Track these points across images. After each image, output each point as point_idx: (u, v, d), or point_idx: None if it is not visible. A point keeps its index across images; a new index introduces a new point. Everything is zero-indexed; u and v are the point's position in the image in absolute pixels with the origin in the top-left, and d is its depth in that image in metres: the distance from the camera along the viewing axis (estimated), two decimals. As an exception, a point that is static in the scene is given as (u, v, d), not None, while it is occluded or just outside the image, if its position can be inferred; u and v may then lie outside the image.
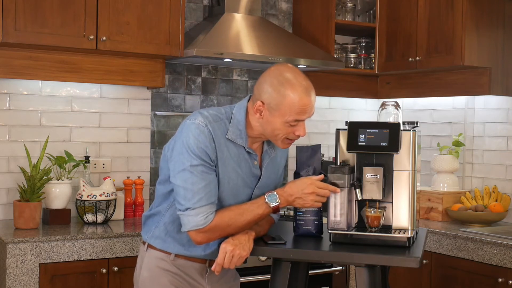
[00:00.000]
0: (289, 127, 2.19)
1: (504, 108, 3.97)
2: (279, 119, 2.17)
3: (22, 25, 3.16)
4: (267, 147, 2.33)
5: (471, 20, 3.69)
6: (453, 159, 3.97)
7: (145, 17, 3.47)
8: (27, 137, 3.56)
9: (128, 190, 3.73)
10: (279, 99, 2.15)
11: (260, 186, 2.32)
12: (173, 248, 2.30)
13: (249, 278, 3.31)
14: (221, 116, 2.23)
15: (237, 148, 2.24)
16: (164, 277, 2.29)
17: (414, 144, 2.31)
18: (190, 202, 2.14)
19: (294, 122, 2.18)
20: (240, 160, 2.25)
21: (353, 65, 4.29)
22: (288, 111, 2.15)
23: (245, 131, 2.24)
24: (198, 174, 2.14)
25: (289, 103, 2.14)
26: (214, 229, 2.16)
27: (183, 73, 4.02)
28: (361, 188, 2.31)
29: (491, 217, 3.68)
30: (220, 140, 2.20)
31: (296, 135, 2.21)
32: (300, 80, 2.17)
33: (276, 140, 2.23)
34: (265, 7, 4.29)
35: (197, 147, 2.14)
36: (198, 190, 2.14)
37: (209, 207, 2.15)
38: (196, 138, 2.15)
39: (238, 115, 2.25)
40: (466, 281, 3.37)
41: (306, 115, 2.19)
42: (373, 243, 2.25)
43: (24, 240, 2.99)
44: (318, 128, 4.52)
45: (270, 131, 2.21)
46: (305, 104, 2.16)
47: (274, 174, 2.40)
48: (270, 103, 2.17)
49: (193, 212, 2.14)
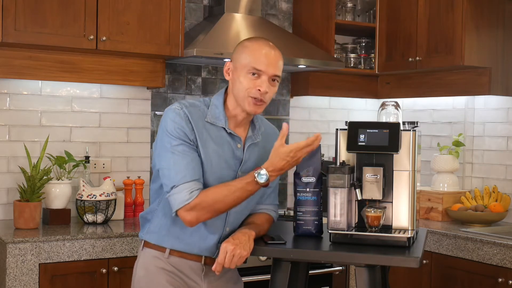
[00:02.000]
0: (251, 81, 2.24)
1: (504, 108, 3.97)
2: (241, 71, 2.25)
3: (22, 25, 3.16)
4: (251, 133, 2.37)
5: (471, 20, 3.69)
6: (453, 159, 3.98)
7: (145, 17, 3.47)
8: (27, 137, 3.56)
9: (128, 190, 3.73)
10: (241, 51, 2.28)
11: (245, 170, 2.32)
12: (167, 242, 2.30)
13: (249, 278, 3.31)
14: (198, 104, 2.32)
15: (218, 131, 2.30)
16: (159, 275, 2.29)
17: (414, 144, 2.31)
18: (174, 180, 2.19)
19: (253, 70, 2.23)
20: (222, 142, 2.29)
21: (353, 65, 4.29)
22: (248, 59, 2.24)
23: (223, 113, 2.31)
24: (179, 153, 2.20)
25: (248, 53, 2.25)
26: (201, 205, 2.18)
27: (183, 73, 4.02)
28: (361, 188, 2.31)
29: (491, 217, 3.69)
30: (198, 122, 2.26)
31: (257, 90, 2.24)
32: (266, 40, 2.32)
33: (243, 101, 2.27)
34: (265, 7, 4.29)
35: (174, 128, 2.22)
36: (181, 168, 2.19)
37: (194, 183, 2.19)
38: (173, 121, 2.23)
39: (216, 100, 2.34)
40: (466, 281, 3.37)
41: (264, 65, 2.23)
42: (373, 243, 2.25)
43: (24, 240, 2.99)
44: (318, 128, 4.53)
45: (236, 90, 2.28)
46: (264, 53, 2.24)
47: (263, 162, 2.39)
48: (234, 59, 2.30)
49: (177, 189, 2.18)
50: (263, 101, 2.26)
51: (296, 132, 4.43)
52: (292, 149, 2.18)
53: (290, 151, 2.18)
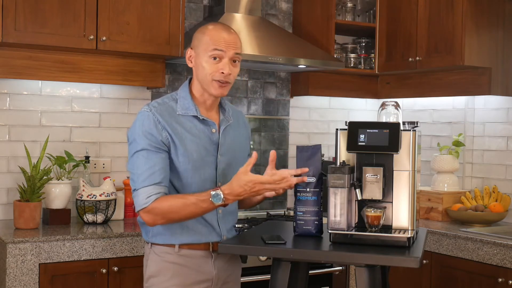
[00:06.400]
0: (213, 64, 2.31)
1: (504, 108, 3.97)
2: (202, 56, 2.32)
3: (22, 25, 3.16)
4: (223, 116, 2.44)
5: (471, 20, 3.69)
6: (453, 159, 3.98)
7: (145, 17, 3.47)
8: (27, 137, 3.56)
9: (128, 190, 3.73)
10: (200, 37, 2.36)
11: (224, 153, 2.39)
12: (175, 239, 2.34)
13: (249, 278, 3.31)
14: (166, 100, 2.38)
15: (191, 121, 2.35)
16: (171, 270, 2.33)
17: (414, 144, 2.31)
18: (136, 183, 2.27)
19: (215, 52, 2.30)
20: (197, 131, 2.35)
21: (353, 65, 4.29)
22: (207, 43, 2.31)
23: (192, 102, 2.37)
24: (142, 158, 2.26)
25: (207, 36, 2.33)
26: (155, 211, 2.24)
27: (183, 73, 4.02)
28: (361, 188, 2.31)
29: (491, 217, 3.69)
30: (169, 119, 2.31)
31: (221, 73, 2.31)
32: (222, 24, 2.41)
33: (208, 85, 2.34)
34: (265, 7, 4.29)
35: (142, 131, 2.28)
36: (141, 172, 2.25)
37: (152, 187, 2.24)
38: (142, 124, 2.29)
39: (182, 92, 2.40)
40: (466, 281, 3.37)
41: (224, 45, 2.31)
42: (373, 243, 2.25)
43: (24, 240, 2.99)
44: (318, 128, 4.53)
45: (200, 76, 2.34)
46: (222, 34, 2.32)
47: (239, 144, 2.48)
48: (195, 45, 2.37)
49: (137, 192, 2.27)
50: (228, 82, 2.35)
51: (296, 132, 4.43)
52: (253, 179, 2.22)
53: (250, 181, 2.22)
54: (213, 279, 2.38)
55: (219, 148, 2.38)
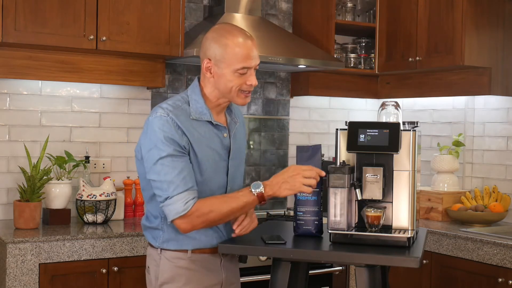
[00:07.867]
0: (240, 77, 2.25)
1: (504, 108, 3.97)
2: (227, 70, 2.24)
3: (22, 25, 3.16)
4: (229, 117, 2.39)
5: (471, 20, 3.69)
6: (453, 159, 3.98)
7: (145, 17, 3.47)
8: (27, 137, 3.56)
9: (128, 190, 3.73)
10: (222, 50, 2.24)
11: (233, 157, 2.36)
12: (187, 244, 2.30)
13: (249, 278, 3.31)
14: (178, 103, 2.28)
15: (205, 126, 2.29)
16: (184, 276, 2.29)
17: (414, 144, 2.31)
18: (167, 192, 2.18)
19: (242, 70, 2.24)
20: (211, 136, 2.30)
21: (353, 65, 4.29)
22: (233, 59, 2.23)
23: (205, 106, 2.30)
24: (169, 164, 2.18)
25: (232, 50, 2.23)
26: (196, 215, 2.18)
27: (183, 73, 4.02)
28: (361, 188, 2.31)
29: (491, 217, 3.69)
30: (186, 124, 2.24)
31: (248, 85, 2.27)
32: (239, 29, 2.28)
33: (232, 96, 2.28)
34: (265, 7, 4.29)
35: (164, 137, 2.19)
36: (172, 179, 2.17)
37: (187, 193, 2.18)
38: (162, 130, 2.20)
39: (194, 94, 2.31)
40: (466, 281, 3.37)
41: (252, 61, 2.26)
42: (373, 243, 2.25)
43: (24, 240, 2.99)
44: (318, 128, 4.53)
45: (223, 87, 2.27)
46: (247, 48, 2.24)
47: (242, 145, 2.46)
48: (216, 57, 2.25)
49: (171, 200, 2.17)
50: (251, 90, 2.33)
51: (296, 132, 4.43)
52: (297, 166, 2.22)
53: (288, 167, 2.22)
54: (222, 282, 2.36)
55: (230, 152, 2.35)
